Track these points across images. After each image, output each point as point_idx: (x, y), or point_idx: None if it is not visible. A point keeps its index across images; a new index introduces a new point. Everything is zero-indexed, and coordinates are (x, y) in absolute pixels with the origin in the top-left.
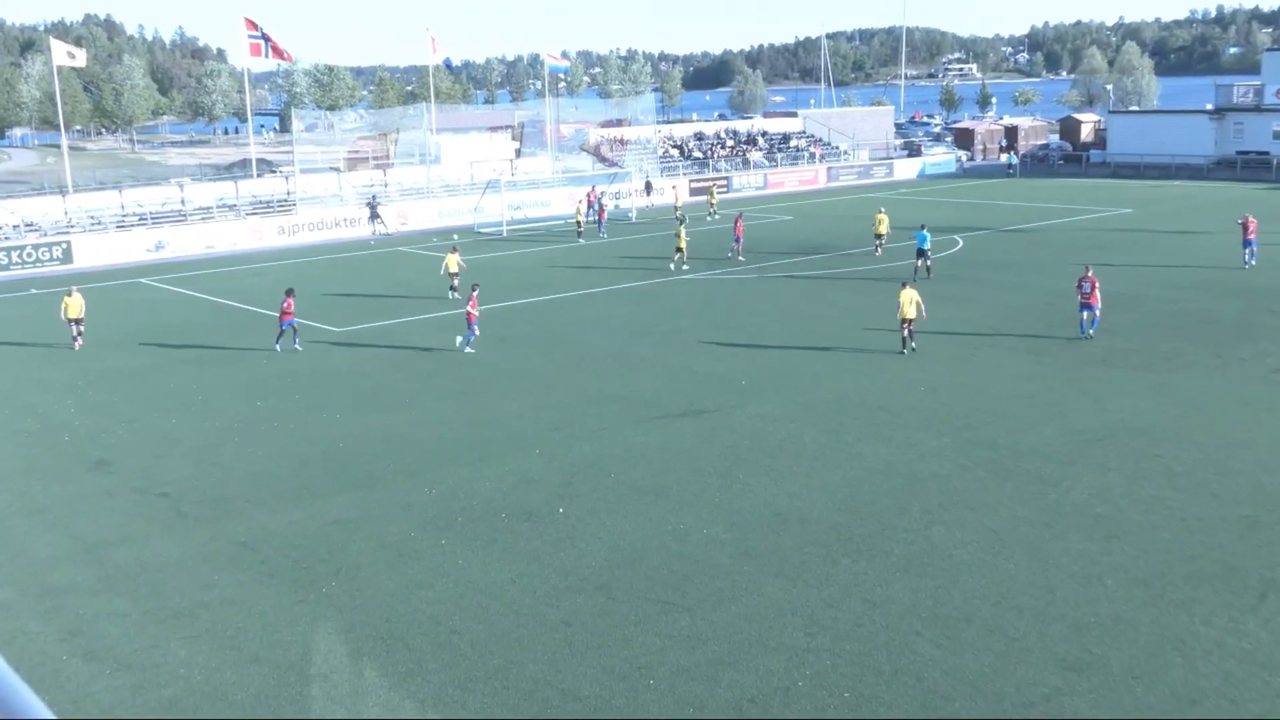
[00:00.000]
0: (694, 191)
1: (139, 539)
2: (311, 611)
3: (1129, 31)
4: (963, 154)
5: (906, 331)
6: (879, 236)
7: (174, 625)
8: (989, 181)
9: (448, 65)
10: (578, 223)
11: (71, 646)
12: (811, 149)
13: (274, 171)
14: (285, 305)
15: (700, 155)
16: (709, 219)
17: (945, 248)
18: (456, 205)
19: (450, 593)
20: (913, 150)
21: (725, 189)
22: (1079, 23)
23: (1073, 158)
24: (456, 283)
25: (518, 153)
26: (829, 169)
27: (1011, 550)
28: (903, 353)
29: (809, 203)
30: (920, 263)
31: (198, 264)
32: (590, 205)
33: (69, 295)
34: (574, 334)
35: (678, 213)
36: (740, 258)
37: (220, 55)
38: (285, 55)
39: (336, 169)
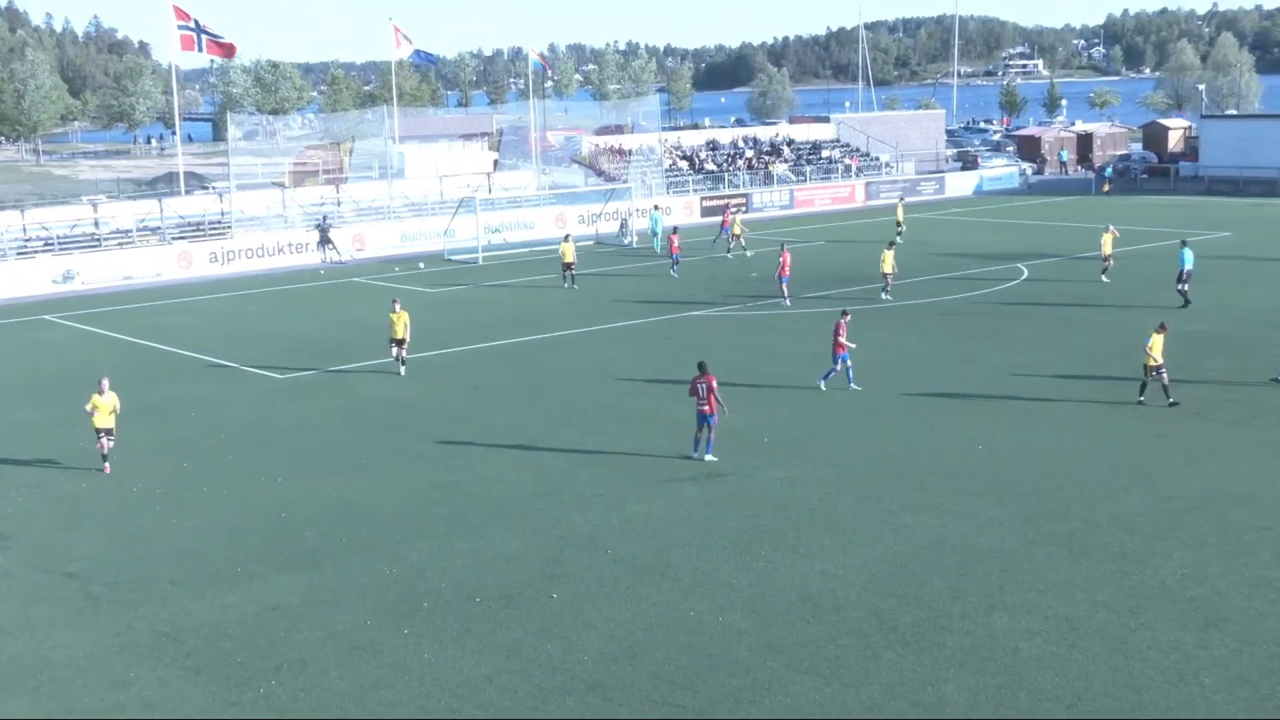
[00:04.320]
0: (705, 211)
1: (40, 627)
2: (247, 715)
3: (1224, 21)
4: (1027, 166)
5: (1150, 378)
6: (1107, 258)
7: None
8: (1060, 199)
9: (422, 58)
10: (565, 265)
11: None
12: (847, 160)
13: (205, 188)
14: (704, 384)
15: (714, 168)
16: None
17: (1007, 278)
18: (423, 227)
19: (414, 694)
20: (968, 162)
21: (744, 208)
22: (1165, 11)
23: (1158, 171)
24: (404, 353)
25: (496, 165)
26: (868, 184)
27: (1089, 642)
28: (1141, 401)
29: (844, 224)
30: (1181, 286)
31: (114, 297)
32: (723, 227)
33: (99, 394)
34: (563, 381)
35: (900, 227)
36: (786, 301)
37: (143, 49)
38: (224, 49)
39: (280, 184)
